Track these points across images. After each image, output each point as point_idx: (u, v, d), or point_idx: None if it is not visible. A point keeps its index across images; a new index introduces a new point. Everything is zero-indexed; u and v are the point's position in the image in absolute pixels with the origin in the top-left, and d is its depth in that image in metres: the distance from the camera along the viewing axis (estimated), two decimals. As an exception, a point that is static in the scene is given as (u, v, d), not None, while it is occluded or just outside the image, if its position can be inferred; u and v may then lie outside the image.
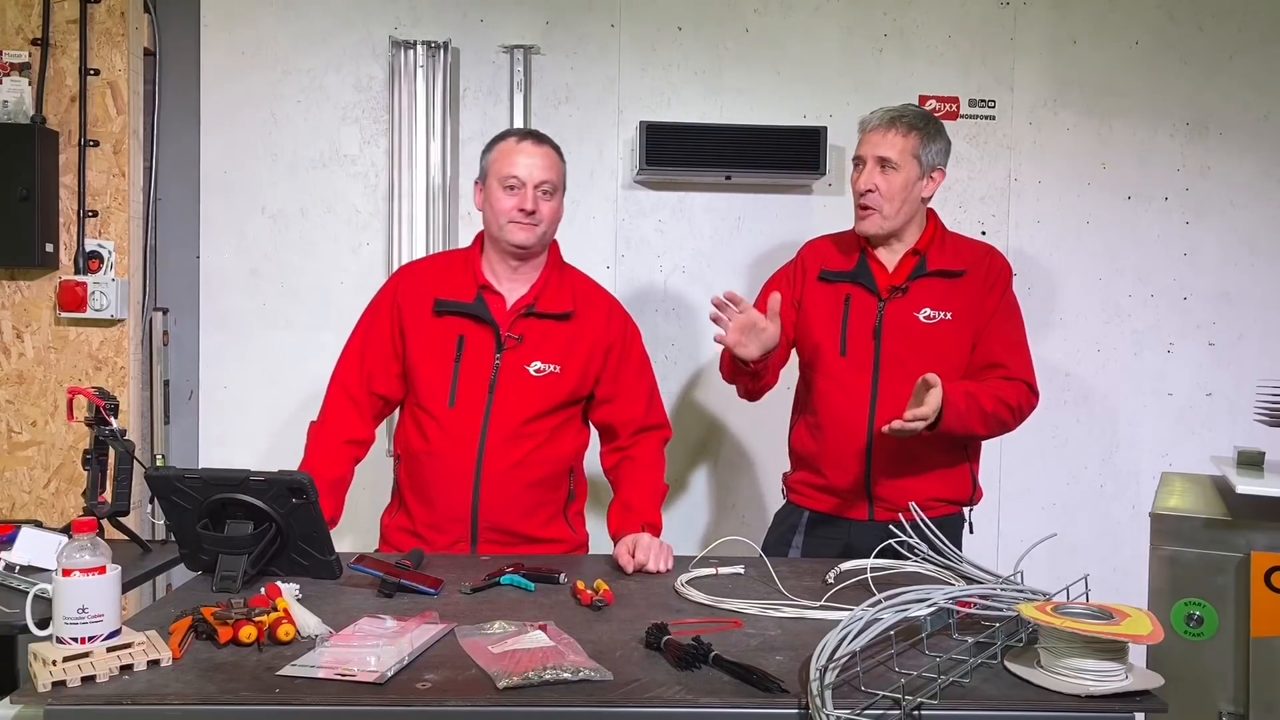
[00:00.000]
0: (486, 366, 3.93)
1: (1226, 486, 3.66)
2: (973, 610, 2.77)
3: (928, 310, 4.10)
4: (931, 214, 4.28)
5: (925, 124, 4.15)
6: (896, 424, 3.75)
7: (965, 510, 4.26)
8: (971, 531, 4.27)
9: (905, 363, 4.05)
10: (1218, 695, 3.41)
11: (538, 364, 3.94)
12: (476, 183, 4.08)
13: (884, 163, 4.08)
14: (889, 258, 4.21)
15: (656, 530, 3.81)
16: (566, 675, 2.47)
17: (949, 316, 4.10)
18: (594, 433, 4.25)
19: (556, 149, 4.03)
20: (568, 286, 4.10)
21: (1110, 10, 5.87)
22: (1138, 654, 2.62)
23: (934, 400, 3.72)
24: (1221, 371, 5.96)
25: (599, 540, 4.20)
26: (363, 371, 4.07)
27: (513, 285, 4.04)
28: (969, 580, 3.21)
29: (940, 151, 4.16)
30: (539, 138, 4.00)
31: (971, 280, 4.14)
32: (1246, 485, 3.42)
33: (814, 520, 4.28)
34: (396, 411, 4.26)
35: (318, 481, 3.62)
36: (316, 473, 3.73)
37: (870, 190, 4.09)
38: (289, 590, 2.96)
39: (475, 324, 3.96)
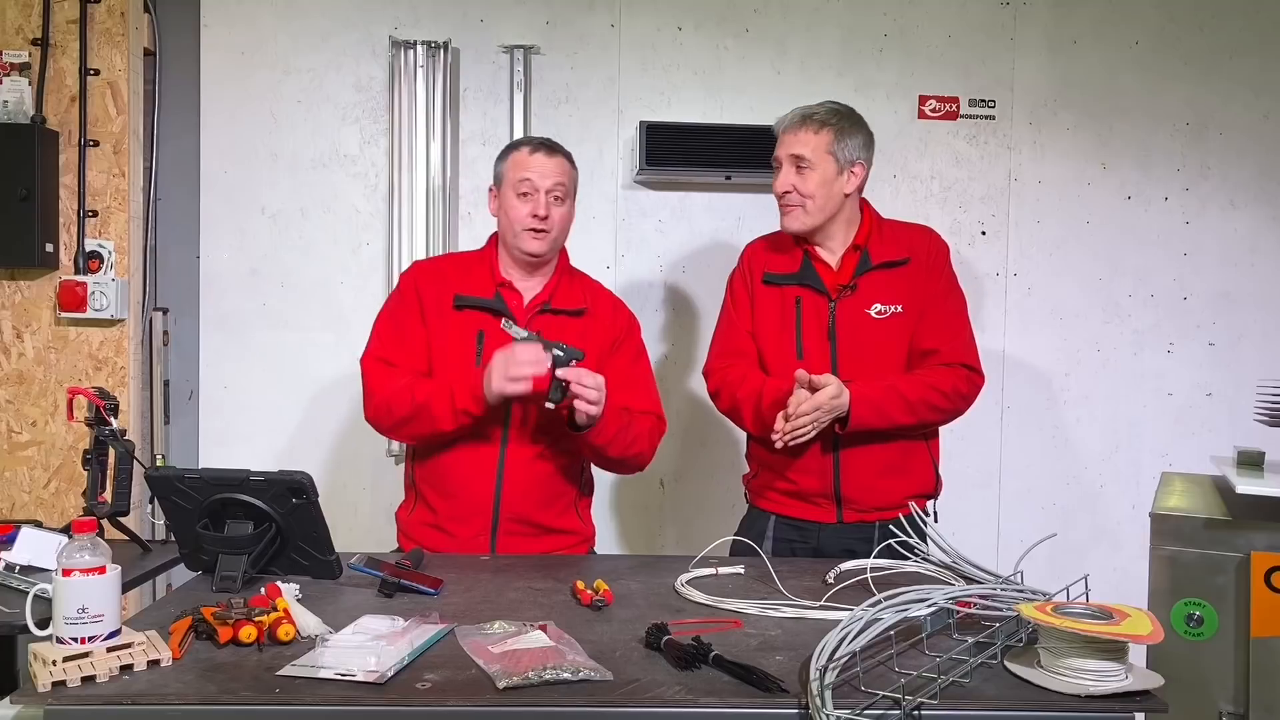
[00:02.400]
0: None
1: (1226, 486, 3.67)
2: (973, 610, 2.77)
3: (878, 305, 4.09)
4: (865, 205, 4.26)
5: (838, 120, 4.11)
6: (779, 436, 3.85)
7: (930, 504, 4.21)
8: (936, 520, 4.17)
9: (863, 361, 4.06)
10: (1218, 695, 3.42)
11: None
12: (491, 189, 4.13)
13: (798, 161, 4.06)
14: (831, 256, 4.20)
15: (603, 414, 3.81)
16: (566, 675, 2.47)
17: (900, 309, 4.09)
18: None
19: (569, 158, 4.12)
20: (578, 287, 4.18)
21: (1110, 10, 5.89)
22: (1138, 654, 2.62)
23: (821, 397, 3.77)
24: (1221, 371, 5.98)
25: (616, 541, 4.21)
26: (403, 346, 4.04)
27: (527, 285, 4.10)
28: (969, 580, 3.22)
29: (859, 146, 4.11)
30: (553, 147, 4.09)
31: (916, 268, 4.14)
32: (1246, 485, 3.43)
33: (780, 524, 4.25)
34: None
35: (418, 382, 3.83)
36: (412, 380, 3.90)
37: (788, 191, 4.09)
38: (289, 590, 2.96)
39: (494, 319, 3.97)
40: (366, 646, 2.64)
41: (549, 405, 3.71)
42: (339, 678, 2.47)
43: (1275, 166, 5.95)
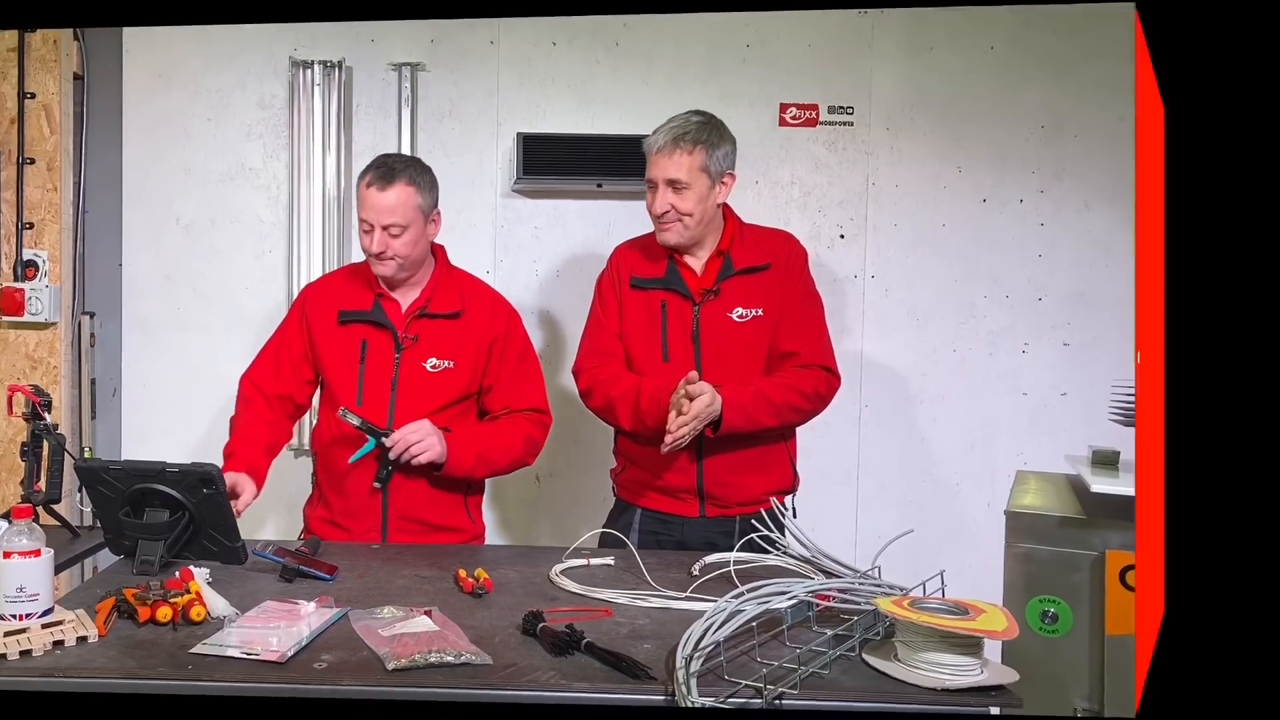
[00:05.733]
0: (388, 366, 4.19)
1: (1081, 485, 3.78)
2: (832, 603, 2.95)
3: (740, 309, 4.22)
4: (728, 211, 4.36)
5: (707, 135, 4.17)
6: (669, 444, 3.92)
7: (788, 499, 4.30)
8: (795, 516, 4.19)
9: (726, 363, 4.18)
10: (1073, 691, 3.55)
11: (434, 360, 4.20)
12: None
13: (674, 184, 4.13)
14: (695, 262, 4.33)
15: (451, 447, 4.08)
16: (450, 659, 2.68)
17: (760, 313, 4.22)
18: None
19: (411, 180, 4.14)
20: (455, 287, 4.34)
21: (966, 16, 5.98)
22: (993, 649, 2.75)
23: (697, 406, 3.87)
24: (1076, 371, 6.05)
25: (494, 533, 4.42)
26: (277, 374, 4.32)
27: (406, 291, 4.29)
28: (828, 574, 3.34)
29: (726, 156, 4.20)
30: (388, 176, 4.10)
31: (776, 273, 4.27)
32: (1101, 484, 3.58)
33: (646, 517, 4.37)
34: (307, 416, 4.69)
35: (251, 446, 4.06)
36: (248, 438, 4.14)
37: (666, 212, 4.17)
38: (200, 574, 3.18)
39: (375, 329, 4.22)
40: (269, 628, 2.89)
41: (376, 486, 4.12)
42: (245, 656, 2.71)
43: (1129, 168, 5.81)
